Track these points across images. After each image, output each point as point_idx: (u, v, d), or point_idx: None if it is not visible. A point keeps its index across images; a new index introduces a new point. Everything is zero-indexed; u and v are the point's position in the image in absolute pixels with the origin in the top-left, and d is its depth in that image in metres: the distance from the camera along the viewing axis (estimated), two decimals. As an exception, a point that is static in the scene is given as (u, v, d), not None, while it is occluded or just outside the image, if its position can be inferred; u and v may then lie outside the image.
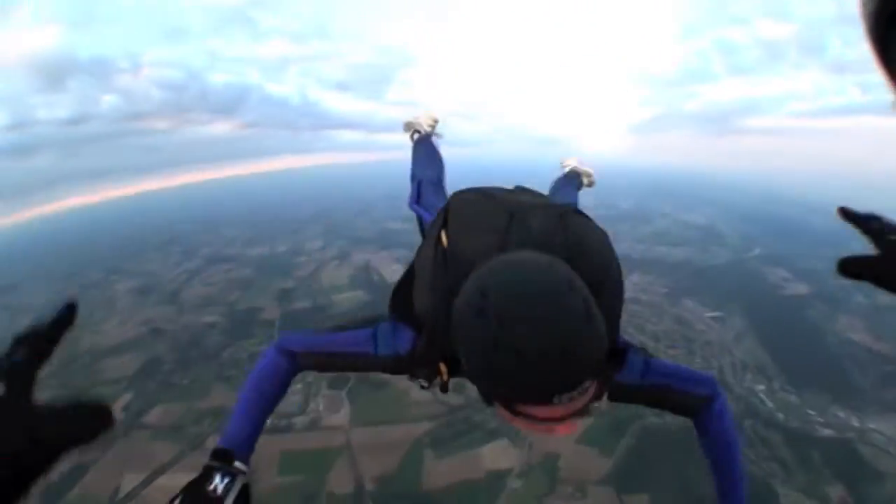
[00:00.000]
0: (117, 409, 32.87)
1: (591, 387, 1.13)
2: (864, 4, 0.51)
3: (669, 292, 50.21)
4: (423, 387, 1.72)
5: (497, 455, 27.64)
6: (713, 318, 44.76)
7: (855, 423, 31.31)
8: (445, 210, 1.65)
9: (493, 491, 25.80)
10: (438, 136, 3.62)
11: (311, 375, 27.87)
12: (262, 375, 1.79)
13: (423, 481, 26.31)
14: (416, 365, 1.67)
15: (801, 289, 52.12)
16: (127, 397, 34.49)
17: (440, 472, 26.76)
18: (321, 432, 29.95)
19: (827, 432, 30.57)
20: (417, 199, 2.79)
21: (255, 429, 1.66)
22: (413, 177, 3.03)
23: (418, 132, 3.53)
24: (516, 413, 1.18)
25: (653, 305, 46.70)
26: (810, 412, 32.08)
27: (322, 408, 31.78)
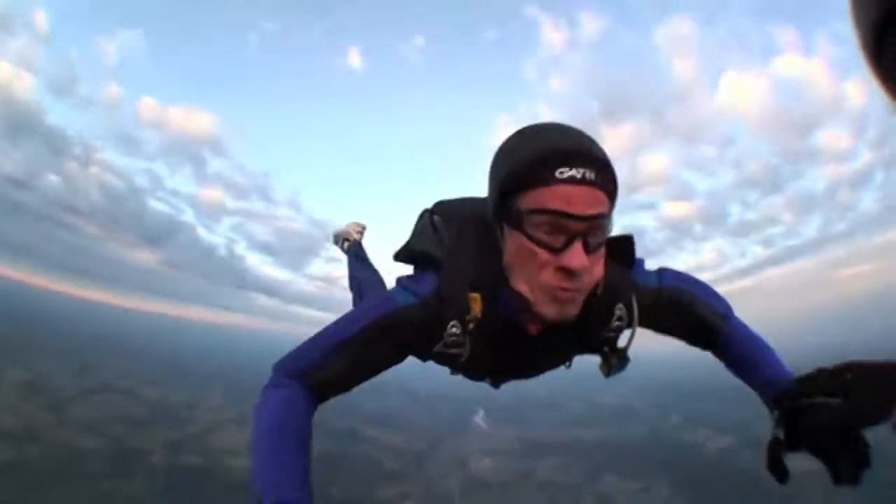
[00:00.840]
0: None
1: (602, 185, 1.11)
2: (857, 12, 0.50)
3: (589, 472, 49.91)
4: (443, 356, 1.40)
5: None
6: (638, 488, 44.85)
7: None
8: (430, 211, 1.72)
9: None
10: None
11: None
12: (272, 425, 1.33)
13: None
14: (445, 303, 1.30)
15: (724, 442, 52.67)
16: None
17: None
18: None
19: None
20: (361, 298, 2.74)
21: (301, 474, 1.32)
22: (352, 281, 2.99)
23: (348, 240, 3.46)
24: (526, 219, 1.12)
25: (572, 487, 46.82)
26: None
27: None
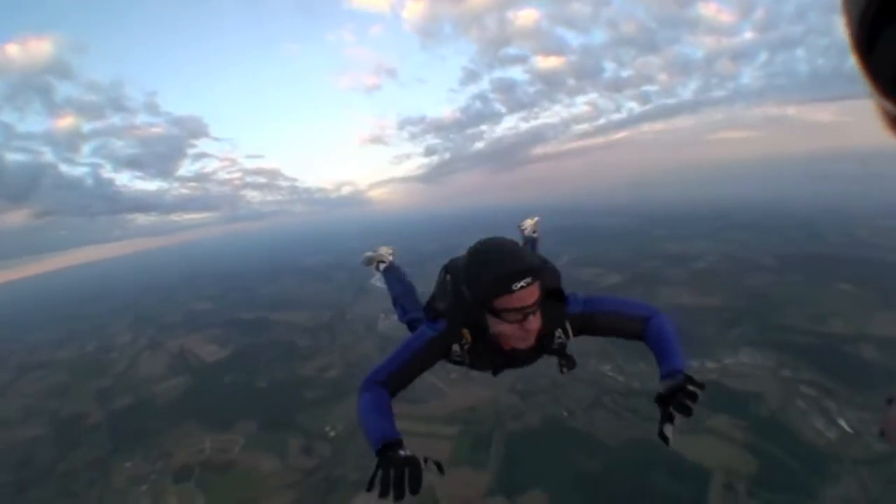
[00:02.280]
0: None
1: (536, 283, 2.18)
2: (848, 4, 0.51)
3: None
4: (456, 360, 2.65)
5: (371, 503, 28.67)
6: None
7: (711, 364, 36.67)
8: (445, 268, 2.84)
9: None
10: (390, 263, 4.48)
11: (152, 475, 29.04)
12: (369, 405, 2.23)
13: None
14: (451, 336, 2.51)
15: (614, 278, 61.05)
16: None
17: None
18: (181, 533, 28.15)
19: (686, 382, 36.83)
20: (405, 314, 3.77)
21: (394, 425, 2.08)
22: (395, 300, 3.97)
23: (382, 262, 4.40)
24: (499, 313, 2.20)
25: None
26: (664, 372, 37.76)
27: (176, 507, 30.23)
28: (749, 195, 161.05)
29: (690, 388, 2.00)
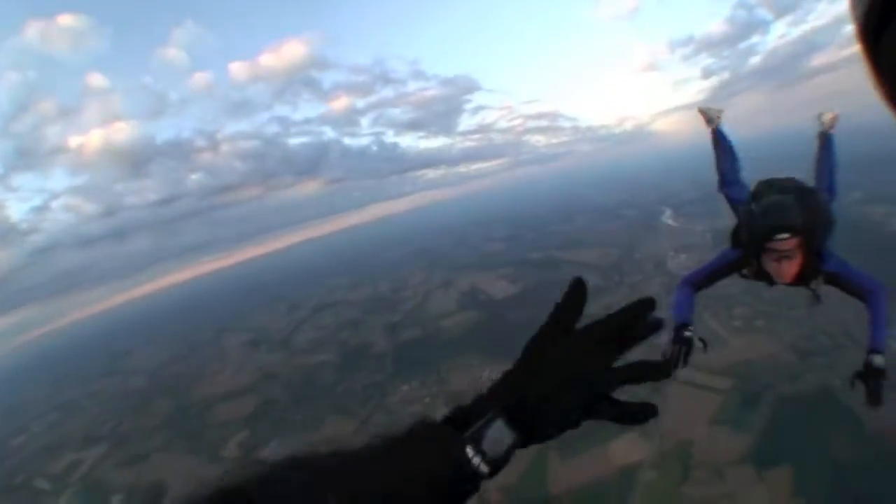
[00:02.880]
0: (232, 447, 36.12)
1: (797, 239, 2.79)
2: (856, 8, 0.51)
3: None
4: (743, 275, 3.39)
5: (626, 449, 26.48)
6: None
7: None
8: (751, 193, 3.54)
9: (625, 486, 24.65)
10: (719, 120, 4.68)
11: (426, 398, 34.54)
12: (681, 299, 3.34)
13: (549, 486, 25.54)
14: (743, 262, 3.28)
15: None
16: (242, 435, 36.68)
17: (567, 474, 25.91)
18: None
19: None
20: (723, 185, 4.19)
21: (692, 312, 3.28)
22: (717, 166, 4.31)
23: (712, 121, 4.61)
24: (766, 252, 2.90)
25: None
26: None
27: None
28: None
29: (877, 371, 2.82)
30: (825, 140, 4.50)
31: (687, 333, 2.97)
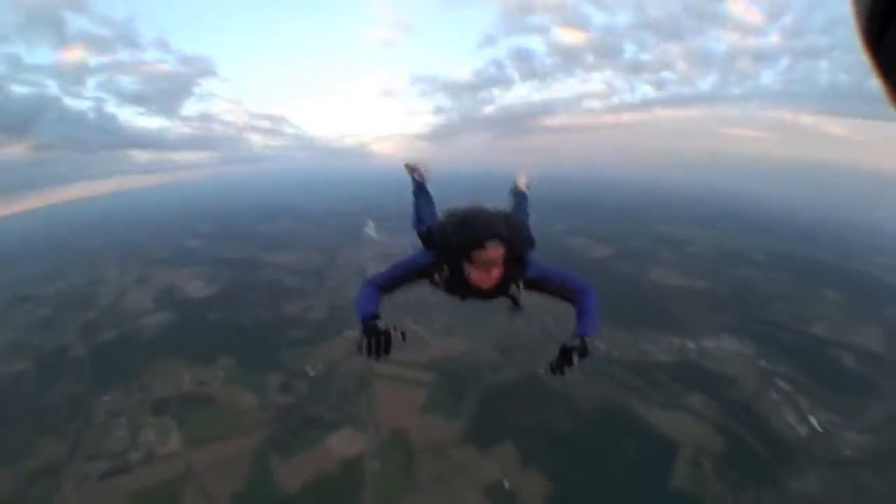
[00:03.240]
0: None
1: (502, 246, 2.96)
2: (859, 7, 0.52)
3: None
4: (435, 283, 3.37)
5: (344, 443, 28.05)
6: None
7: (691, 344, 37.77)
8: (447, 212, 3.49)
9: (354, 477, 25.84)
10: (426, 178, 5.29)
11: (131, 408, 32.68)
12: (363, 296, 3.14)
13: (280, 486, 25.62)
14: (436, 266, 3.27)
15: (603, 251, 62.46)
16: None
17: (292, 472, 26.34)
18: (160, 464, 28.09)
19: (665, 357, 36.15)
20: (419, 223, 4.55)
21: (377, 307, 3.06)
22: (415, 209, 4.80)
23: (419, 175, 5.19)
24: (472, 260, 3.00)
25: None
26: (645, 345, 37.51)
27: (152, 438, 29.99)
28: (751, 192, 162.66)
29: (582, 349, 2.85)
30: (520, 197, 5.11)
31: (378, 324, 2.80)
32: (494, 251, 2.96)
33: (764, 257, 62.33)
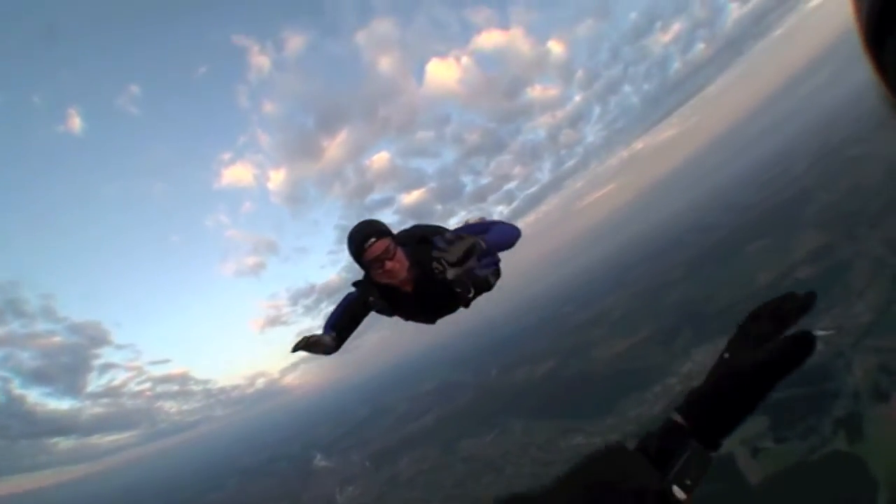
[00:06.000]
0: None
1: (380, 239, 3.18)
2: (858, 3, 0.53)
3: (444, 448, 56.43)
4: (381, 311, 3.60)
5: None
6: (495, 435, 52.86)
7: (672, 380, 39.78)
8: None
9: None
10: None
11: None
12: (329, 323, 3.57)
13: None
14: (362, 293, 3.50)
15: (547, 366, 63.88)
16: None
17: None
18: None
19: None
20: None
21: (331, 327, 3.52)
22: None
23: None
24: (367, 266, 3.26)
25: (437, 468, 52.60)
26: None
27: None
28: (633, 235, 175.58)
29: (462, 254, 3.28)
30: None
31: (322, 333, 3.42)
32: (375, 247, 3.15)
33: (681, 270, 65.99)
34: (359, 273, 3.49)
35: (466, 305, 3.66)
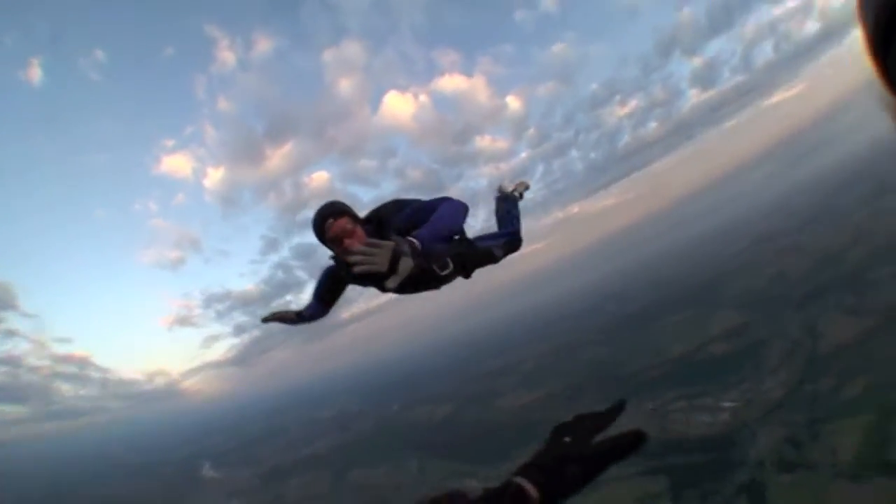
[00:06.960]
0: None
1: (339, 218, 3.36)
2: (864, 9, 0.54)
3: (335, 474, 57.51)
4: (353, 281, 3.74)
5: None
6: (387, 469, 53.10)
7: None
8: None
9: None
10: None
11: None
12: (312, 302, 4.05)
13: None
14: (335, 266, 3.65)
15: (446, 409, 65.22)
16: None
17: None
18: None
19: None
20: (501, 224, 4.89)
21: (308, 308, 4.04)
22: (500, 213, 5.01)
23: (516, 192, 5.28)
24: (329, 243, 3.43)
25: (323, 496, 53.40)
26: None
27: None
28: (557, 294, 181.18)
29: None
30: (506, 201, 5.12)
31: (295, 312, 4.00)
32: (334, 227, 3.33)
33: (598, 335, 68.14)
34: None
35: (466, 276, 3.93)
